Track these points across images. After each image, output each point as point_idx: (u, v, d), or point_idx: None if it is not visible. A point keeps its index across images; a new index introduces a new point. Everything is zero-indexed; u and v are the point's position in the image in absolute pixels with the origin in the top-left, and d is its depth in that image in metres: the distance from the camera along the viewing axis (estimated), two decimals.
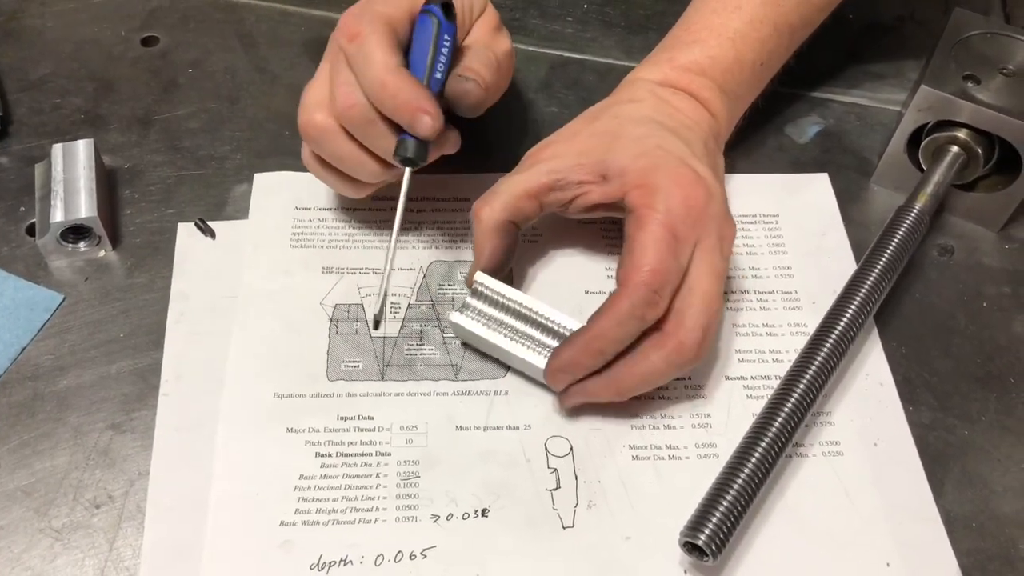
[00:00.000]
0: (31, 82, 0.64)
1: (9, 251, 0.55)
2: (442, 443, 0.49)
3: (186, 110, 0.63)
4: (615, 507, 0.47)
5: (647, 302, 0.46)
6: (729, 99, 0.55)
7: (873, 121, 0.66)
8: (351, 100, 0.47)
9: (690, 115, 0.53)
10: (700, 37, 0.55)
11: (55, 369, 0.51)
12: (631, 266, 0.46)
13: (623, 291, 0.46)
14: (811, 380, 0.48)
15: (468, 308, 0.51)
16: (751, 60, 0.56)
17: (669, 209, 0.47)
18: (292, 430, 0.49)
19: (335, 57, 0.49)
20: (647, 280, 0.46)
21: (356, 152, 0.49)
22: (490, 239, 0.51)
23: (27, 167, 0.58)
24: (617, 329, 0.46)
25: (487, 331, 0.50)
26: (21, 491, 0.47)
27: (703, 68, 0.55)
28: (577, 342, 0.47)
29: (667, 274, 0.46)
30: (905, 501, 0.48)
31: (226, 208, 0.58)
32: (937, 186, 0.56)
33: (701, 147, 0.51)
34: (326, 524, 0.46)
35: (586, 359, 0.47)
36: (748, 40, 0.55)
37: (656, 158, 0.49)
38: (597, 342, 0.47)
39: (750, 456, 0.45)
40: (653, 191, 0.48)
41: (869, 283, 0.51)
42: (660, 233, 0.47)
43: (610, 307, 0.46)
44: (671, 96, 0.54)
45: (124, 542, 0.45)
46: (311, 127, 0.49)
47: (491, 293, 0.51)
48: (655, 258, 0.46)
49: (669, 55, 0.55)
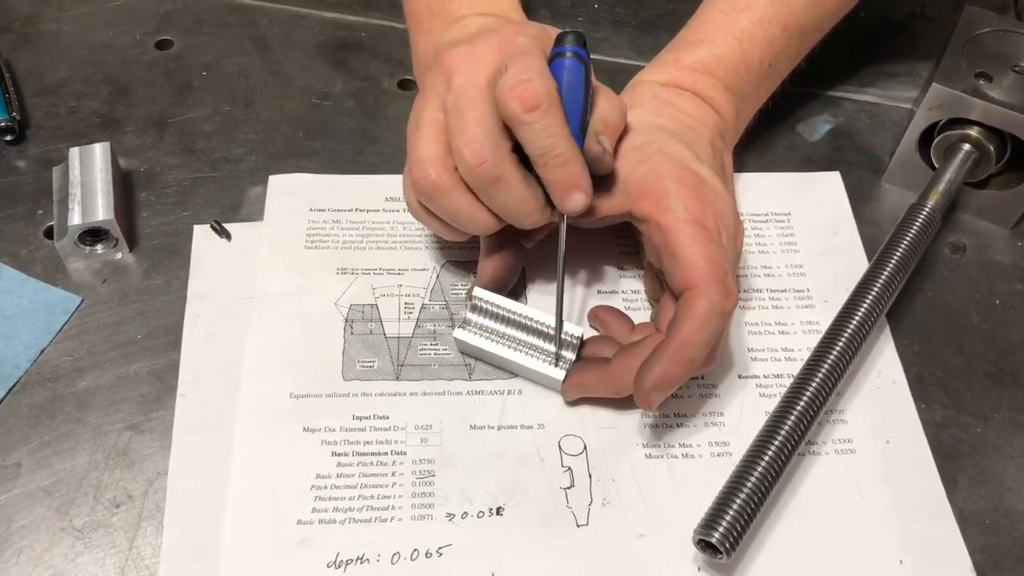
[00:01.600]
0: (48, 86, 0.65)
1: (28, 254, 0.56)
2: (457, 442, 0.49)
3: (201, 113, 0.64)
4: (629, 505, 0.48)
5: (722, 293, 0.45)
6: (736, 98, 0.55)
7: (885, 119, 0.66)
8: (481, 158, 0.45)
9: (694, 115, 0.53)
10: (707, 37, 0.55)
11: (74, 370, 0.51)
12: (686, 268, 0.45)
13: (693, 294, 0.45)
14: (824, 379, 0.48)
15: (469, 323, 0.51)
16: (758, 59, 0.56)
17: (686, 207, 0.47)
18: (308, 430, 0.49)
19: (453, 107, 0.46)
20: (710, 273, 0.45)
21: (472, 207, 0.47)
22: (493, 256, 0.51)
23: (45, 170, 0.59)
24: (702, 332, 0.45)
25: (492, 344, 0.50)
26: (43, 491, 0.47)
27: (708, 67, 0.55)
28: (664, 355, 0.45)
29: (723, 261, 0.46)
30: (918, 498, 0.48)
31: (241, 210, 0.58)
32: (949, 184, 0.56)
33: (706, 147, 0.51)
34: (343, 523, 0.46)
35: (679, 370, 0.45)
36: (755, 40, 0.55)
37: (657, 163, 0.48)
38: (686, 351, 0.45)
39: (763, 454, 0.46)
40: (662, 196, 0.47)
41: (881, 281, 0.51)
42: (691, 229, 0.46)
43: (687, 312, 0.45)
44: (675, 97, 0.54)
45: (144, 541, 0.46)
46: (426, 183, 0.46)
47: (490, 307, 0.51)
48: (702, 251, 0.46)
49: (675, 55, 0.56)
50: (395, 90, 0.66)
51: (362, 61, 0.68)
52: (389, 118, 0.64)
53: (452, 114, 0.46)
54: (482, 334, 0.51)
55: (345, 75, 0.67)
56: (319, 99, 0.65)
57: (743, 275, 0.56)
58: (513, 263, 0.52)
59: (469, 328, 0.51)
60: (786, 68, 0.58)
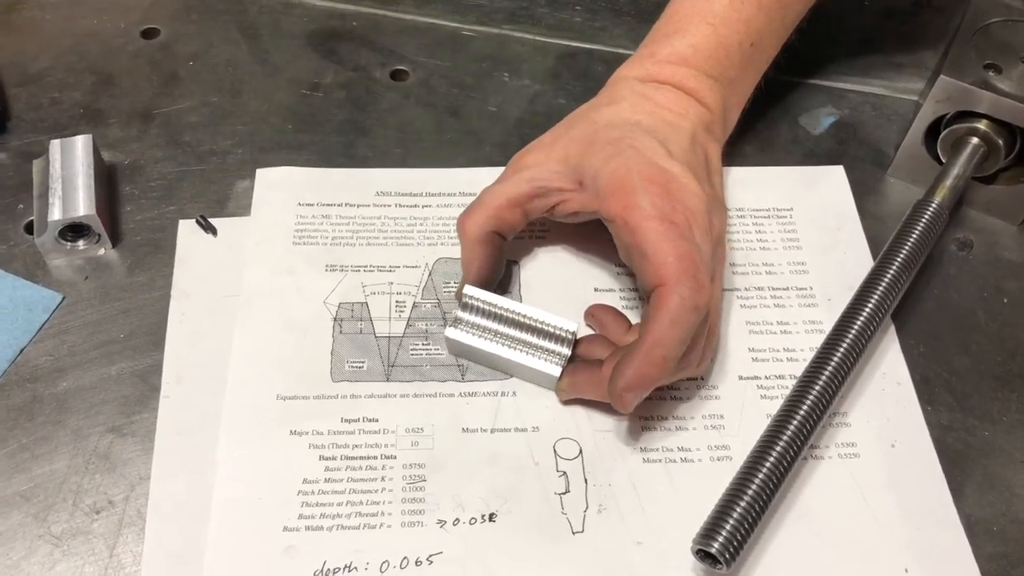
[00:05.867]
0: (29, 76, 0.63)
1: (7, 249, 0.54)
2: (448, 446, 0.48)
3: (187, 104, 0.62)
4: (626, 511, 0.46)
5: (693, 288, 0.43)
6: (720, 85, 0.54)
7: (889, 112, 0.64)
8: None
9: (674, 109, 0.51)
10: (680, 27, 0.54)
11: (54, 371, 0.50)
12: (656, 265, 0.44)
13: (664, 290, 0.44)
14: (828, 380, 0.47)
15: (461, 322, 0.50)
16: (737, 42, 0.54)
17: (653, 203, 0.45)
18: (295, 433, 0.48)
19: None
20: (680, 267, 0.44)
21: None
22: (476, 252, 0.50)
23: (25, 163, 0.57)
24: (674, 329, 0.43)
25: (484, 342, 0.49)
26: (20, 496, 0.46)
27: (685, 58, 0.53)
28: (636, 356, 0.44)
29: (693, 255, 0.44)
30: (924, 504, 0.47)
31: (228, 204, 0.57)
32: (956, 179, 0.54)
33: (684, 143, 0.50)
34: (330, 529, 0.45)
35: (652, 370, 0.43)
36: (730, 22, 0.53)
37: (627, 158, 0.47)
38: (658, 349, 0.43)
39: (765, 460, 0.44)
40: (630, 193, 0.46)
41: (887, 280, 0.50)
42: (658, 226, 0.45)
43: (658, 310, 0.44)
44: (654, 92, 0.52)
45: (124, 548, 0.44)
46: None
47: (481, 304, 0.50)
48: (671, 247, 0.44)
49: (650, 50, 0.54)
50: (387, 81, 0.65)
51: (353, 51, 0.66)
52: (381, 110, 0.63)
53: None
54: (475, 332, 0.50)
55: (336, 65, 0.65)
56: (309, 90, 0.64)
57: (744, 273, 0.55)
58: (497, 256, 0.51)
59: (461, 327, 0.50)
60: (773, 45, 0.56)
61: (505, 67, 0.66)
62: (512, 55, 0.67)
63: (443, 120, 0.62)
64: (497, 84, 0.65)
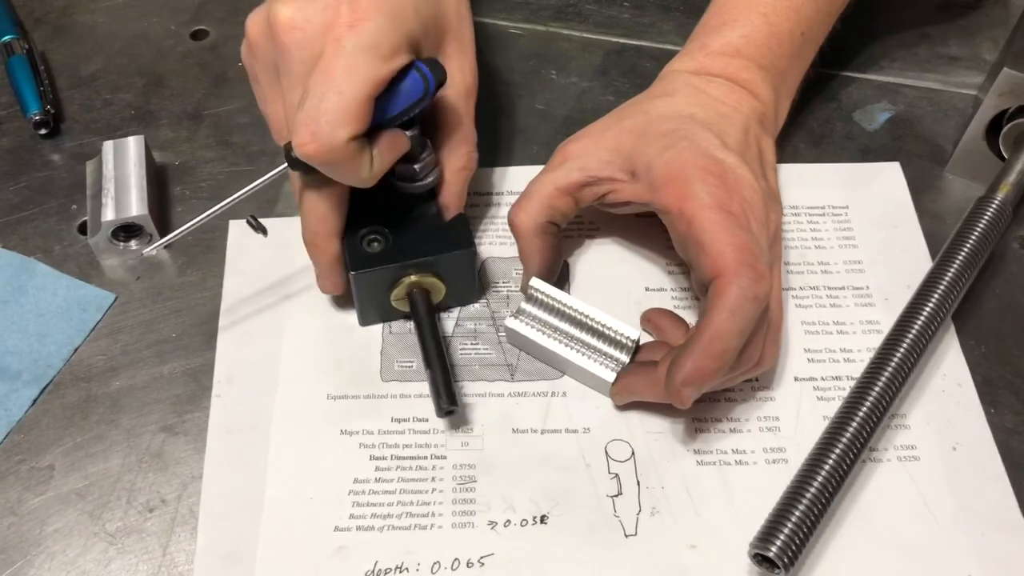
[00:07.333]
0: (82, 79, 0.64)
1: (61, 250, 0.55)
2: (498, 446, 0.47)
3: (236, 104, 0.62)
4: (679, 514, 0.45)
5: (752, 278, 0.42)
6: (772, 76, 0.53)
7: (947, 106, 0.62)
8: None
9: (727, 101, 0.51)
10: (730, 18, 0.53)
11: (107, 370, 0.50)
12: (713, 255, 0.43)
13: (722, 281, 0.43)
14: (888, 382, 0.45)
15: (523, 313, 0.49)
16: (788, 31, 0.53)
17: (710, 193, 0.44)
18: (346, 432, 0.48)
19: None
20: (739, 257, 0.43)
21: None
22: (534, 244, 0.50)
23: (79, 164, 0.58)
24: (733, 320, 0.42)
25: (543, 337, 0.49)
26: (75, 494, 0.46)
27: (737, 49, 0.52)
28: (695, 349, 0.42)
29: (752, 244, 0.43)
30: (987, 509, 0.45)
31: (278, 204, 0.57)
32: (1020, 175, 0.52)
33: (739, 135, 0.49)
34: (381, 530, 0.45)
35: (711, 363, 0.42)
36: (780, 11, 0.53)
37: (682, 149, 0.46)
38: (717, 341, 0.42)
39: (823, 463, 0.43)
40: (685, 183, 0.45)
41: (948, 279, 0.49)
42: (716, 215, 0.44)
43: (717, 301, 0.42)
44: (707, 85, 0.51)
45: (177, 547, 0.45)
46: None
47: (546, 299, 0.49)
48: (729, 236, 0.43)
49: (701, 42, 0.53)
50: None
51: None
52: None
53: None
54: (535, 326, 0.49)
55: None
56: None
57: (799, 272, 0.54)
58: (555, 246, 0.51)
59: (522, 318, 0.49)
60: (820, 33, 0.55)
61: (552, 65, 0.65)
62: (559, 52, 0.66)
63: (491, 119, 0.62)
64: (544, 82, 0.64)
